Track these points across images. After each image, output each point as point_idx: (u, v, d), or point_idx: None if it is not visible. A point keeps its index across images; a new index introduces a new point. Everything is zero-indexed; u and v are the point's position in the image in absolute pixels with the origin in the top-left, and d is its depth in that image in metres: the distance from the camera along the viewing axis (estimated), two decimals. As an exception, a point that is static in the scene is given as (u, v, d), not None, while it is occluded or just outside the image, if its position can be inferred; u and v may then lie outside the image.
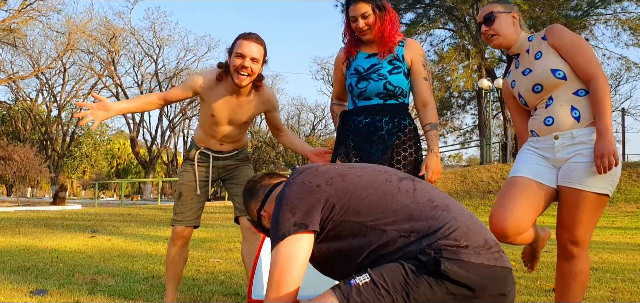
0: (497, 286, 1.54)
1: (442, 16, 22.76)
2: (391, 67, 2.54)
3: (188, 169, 2.96)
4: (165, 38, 37.92)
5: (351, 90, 2.59)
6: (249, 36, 2.67)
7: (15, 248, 5.59)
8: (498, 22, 2.39)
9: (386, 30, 2.52)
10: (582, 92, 2.22)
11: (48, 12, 28.14)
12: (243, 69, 2.63)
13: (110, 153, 51.89)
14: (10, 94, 37.11)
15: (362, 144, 2.55)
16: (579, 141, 2.18)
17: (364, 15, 2.50)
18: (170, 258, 2.94)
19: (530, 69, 2.32)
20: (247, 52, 2.63)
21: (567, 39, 2.24)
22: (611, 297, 3.34)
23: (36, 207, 17.94)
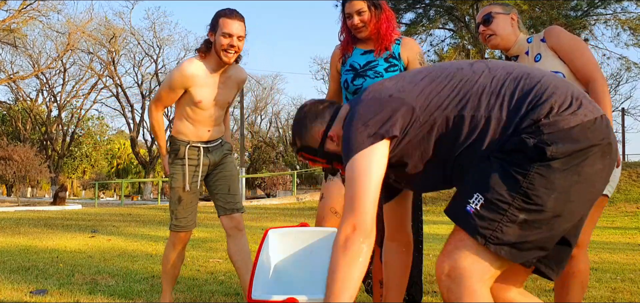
0: (601, 137, 1.47)
1: (442, 16, 22.75)
2: (387, 65, 2.54)
3: (178, 170, 2.87)
4: (165, 38, 37.98)
5: (346, 87, 2.59)
6: (232, 14, 2.72)
7: (15, 248, 5.59)
8: (496, 22, 2.41)
9: (382, 27, 2.52)
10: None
11: (48, 12, 28.15)
12: (231, 48, 2.70)
13: (110, 153, 51.87)
14: (10, 94, 37.13)
15: None
16: None
17: (359, 12, 2.49)
18: (171, 262, 2.91)
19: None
20: (234, 31, 2.69)
21: (565, 41, 2.26)
22: (611, 297, 3.34)
23: (36, 207, 17.94)
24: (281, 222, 10.28)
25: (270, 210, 15.07)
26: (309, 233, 2.61)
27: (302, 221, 2.73)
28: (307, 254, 2.60)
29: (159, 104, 2.92)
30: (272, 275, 2.56)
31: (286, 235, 2.62)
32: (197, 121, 2.86)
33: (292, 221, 10.55)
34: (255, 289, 2.34)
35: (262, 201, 19.03)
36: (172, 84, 2.80)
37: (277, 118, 43.07)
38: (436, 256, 5.39)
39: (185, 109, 2.85)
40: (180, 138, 2.88)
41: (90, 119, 42.79)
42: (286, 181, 31.26)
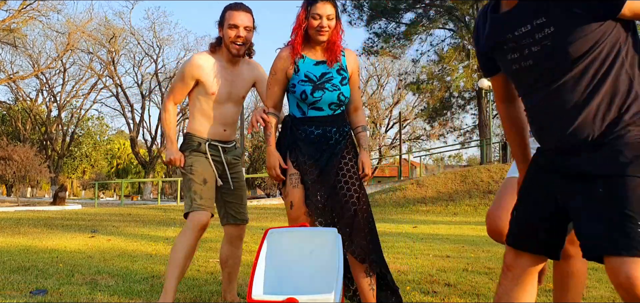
0: None
1: (442, 16, 22.78)
2: (340, 77, 2.65)
3: (201, 159, 2.85)
4: (165, 38, 38.05)
5: (304, 98, 2.61)
6: (238, 6, 2.79)
7: (15, 248, 5.59)
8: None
9: (338, 38, 2.64)
10: None
11: (48, 12, 28.18)
12: (239, 38, 2.76)
13: (110, 153, 51.88)
14: (10, 94, 37.17)
15: (313, 153, 2.63)
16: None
17: (329, 17, 2.57)
18: (185, 251, 2.70)
19: None
20: (240, 22, 2.76)
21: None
22: (611, 297, 3.34)
23: (36, 207, 17.94)
24: (281, 222, 10.28)
25: (270, 210, 15.07)
26: (309, 233, 2.61)
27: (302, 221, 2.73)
28: (307, 254, 2.60)
29: (171, 98, 2.94)
30: (272, 275, 2.56)
31: (286, 235, 2.62)
32: (213, 117, 2.87)
33: (292, 221, 10.54)
34: (255, 289, 2.34)
35: (262, 201, 19.03)
36: (183, 74, 2.84)
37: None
38: (436, 256, 5.41)
39: (201, 105, 2.86)
40: (198, 135, 2.88)
41: (90, 119, 42.84)
42: (286, 181, 31.21)
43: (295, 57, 2.63)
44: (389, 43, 23.58)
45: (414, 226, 9.52)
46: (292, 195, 2.66)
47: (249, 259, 4.78)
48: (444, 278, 3.95)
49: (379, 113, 38.62)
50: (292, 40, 2.64)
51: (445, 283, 3.75)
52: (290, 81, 2.65)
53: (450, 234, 7.94)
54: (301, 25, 2.59)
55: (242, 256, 3.19)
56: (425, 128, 35.51)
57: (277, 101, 2.71)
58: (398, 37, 23.76)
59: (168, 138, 2.95)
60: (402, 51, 24.71)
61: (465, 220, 11.72)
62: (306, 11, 2.57)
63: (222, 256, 3.08)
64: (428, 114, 27.58)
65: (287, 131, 2.69)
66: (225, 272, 3.10)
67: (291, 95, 2.68)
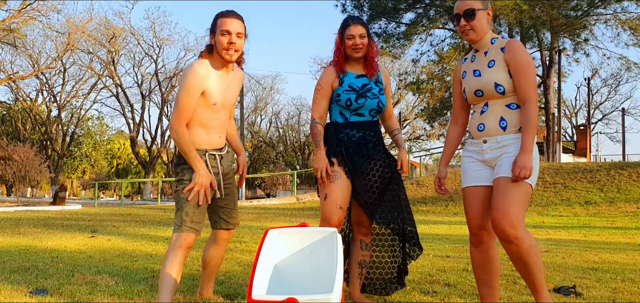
0: None
1: (442, 16, 22.75)
2: (378, 88, 3.05)
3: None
4: (165, 38, 37.93)
5: (349, 105, 2.99)
6: (229, 13, 2.78)
7: (15, 248, 5.59)
8: (477, 18, 2.59)
9: (374, 54, 3.04)
10: (513, 105, 2.54)
11: (48, 12, 28.19)
12: (231, 45, 2.74)
13: (110, 153, 51.88)
14: (10, 94, 37.18)
15: (352, 155, 3.00)
16: (503, 145, 2.54)
17: (361, 35, 2.97)
18: (178, 267, 2.70)
19: (481, 73, 2.60)
20: (232, 29, 2.74)
21: (519, 60, 2.51)
22: (611, 297, 3.34)
23: (36, 207, 17.94)
24: (281, 222, 10.28)
25: (270, 210, 15.07)
26: (309, 233, 2.61)
27: (302, 221, 2.73)
28: (307, 254, 2.60)
29: (181, 117, 2.74)
30: (272, 275, 2.56)
31: (286, 235, 2.62)
32: (210, 127, 2.83)
33: (292, 221, 10.55)
34: (255, 289, 2.34)
35: (262, 201, 19.03)
36: (189, 88, 2.70)
37: (277, 118, 43.08)
38: (436, 256, 5.40)
39: (199, 115, 2.78)
40: (196, 148, 2.81)
41: (90, 119, 42.84)
42: (286, 181, 31.27)
43: (339, 73, 3.01)
44: (389, 43, 23.56)
45: (414, 226, 9.51)
46: (329, 188, 2.95)
47: (249, 259, 4.78)
48: (444, 278, 3.95)
49: (379, 113, 38.56)
50: (335, 60, 3.04)
51: (445, 283, 3.75)
52: (334, 92, 3.03)
53: (450, 234, 7.94)
54: (339, 48, 3.01)
55: (242, 256, 3.20)
56: (425, 128, 35.54)
57: (323, 112, 3.06)
58: (398, 37, 23.75)
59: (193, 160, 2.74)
60: (402, 51, 24.69)
61: (465, 220, 11.71)
62: (341, 35, 3.00)
63: (206, 258, 3.12)
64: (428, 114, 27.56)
65: (331, 135, 3.04)
66: (207, 271, 3.17)
67: (335, 104, 3.06)
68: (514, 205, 2.40)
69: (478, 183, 2.63)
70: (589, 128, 30.51)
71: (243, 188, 23.59)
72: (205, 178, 2.76)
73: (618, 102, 47.38)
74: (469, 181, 2.66)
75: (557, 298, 3.31)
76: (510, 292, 3.46)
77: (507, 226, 2.39)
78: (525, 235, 2.41)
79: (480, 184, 2.62)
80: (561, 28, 19.95)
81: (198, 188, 2.73)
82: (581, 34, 21.68)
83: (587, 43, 22.44)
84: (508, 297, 3.31)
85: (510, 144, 2.51)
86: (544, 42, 22.37)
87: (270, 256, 2.57)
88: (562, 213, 12.43)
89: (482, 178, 2.62)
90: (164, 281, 2.69)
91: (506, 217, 2.39)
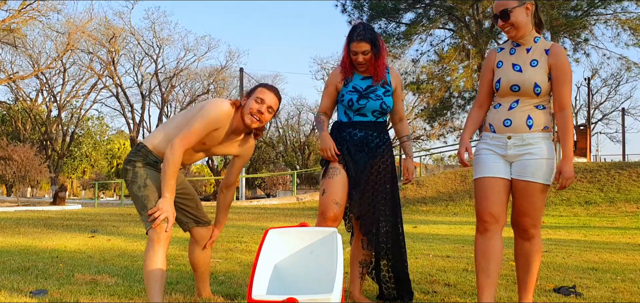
0: None
1: (442, 16, 22.76)
2: (384, 90, 3.06)
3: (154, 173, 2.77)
4: (165, 38, 37.87)
5: (351, 105, 3.02)
6: (271, 88, 2.88)
7: (15, 248, 5.59)
8: (514, 16, 2.61)
9: (380, 66, 3.02)
10: (541, 106, 2.64)
11: (48, 12, 28.17)
12: (259, 113, 2.79)
13: (110, 153, 51.88)
14: (10, 94, 37.16)
15: (355, 153, 3.03)
16: (528, 143, 2.61)
17: (364, 52, 2.96)
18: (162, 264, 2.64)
19: (521, 69, 2.62)
20: (267, 99, 2.82)
21: (563, 67, 2.60)
22: (611, 297, 3.34)
23: (36, 207, 17.94)
24: (281, 222, 10.28)
25: (270, 210, 15.07)
26: (309, 233, 2.61)
27: (302, 221, 2.74)
28: (307, 254, 2.61)
29: (186, 142, 2.70)
30: (272, 275, 2.56)
31: (286, 235, 2.62)
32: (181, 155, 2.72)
33: (292, 221, 10.55)
34: (255, 289, 2.34)
35: (262, 201, 19.03)
36: (209, 120, 2.71)
37: (277, 118, 43.07)
38: (436, 256, 5.40)
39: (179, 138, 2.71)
40: (156, 154, 2.81)
41: (90, 119, 42.83)
42: (286, 181, 31.27)
43: (346, 76, 3.06)
44: (389, 43, 23.54)
45: (414, 226, 9.51)
46: (327, 183, 2.99)
47: (249, 259, 4.78)
48: (444, 278, 3.95)
49: (379, 113, 38.57)
50: (342, 65, 3.07)
51: (445, 283, 3.75)
52: (339, 93, 3.08)
53: (450, 234, 7.94)
54: (345, 58, 3.04)
55: (242, 256, 3.21)
56: (425, 128, 35.50)
57: (327, 109, 3.15)
58: (398, 37, 23.73)
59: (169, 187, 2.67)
60: (402, 51, 24.66)
61: (465, 220, 11.72)
62: (347, 47, 3.01)
63: (192, 261, 3.13)
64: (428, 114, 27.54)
65: (334, 133, 3.09)
66: (198, 274, 3.18)
67: (340, 104, 3.11)
68: (537, 207, 2.62)
69: (496, 175, 2.66)
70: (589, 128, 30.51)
71: (243, 188, 23.59)
72: (171, 208, 2.67)
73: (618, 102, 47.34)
74: (486, 171, 2.69)
75: (557, 298, 3.31)
76: (510, 292, 3.46)
77: (530, 225, 2.64)
78: (539, 235, 2.67)
79: (498, 176, 2.66)
80: (561, 28, 19.94)
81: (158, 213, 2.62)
82: (581, 34, 21.66)
83: (587, 43, 22.44)
84: (508, 297, 3.31)
85: (535, 143, 2.61)
86: (544, 42, 22.33)
87: (270, 256, 2.57)
88: (562, 213, 12.43)
89: (500, 171, 2.67)
90: (150, 280, 2.63)
91: (529, 216, 2.63)
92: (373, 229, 3.02)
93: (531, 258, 2.67)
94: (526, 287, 2.71)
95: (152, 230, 2.65)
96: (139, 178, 2.75)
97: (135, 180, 2.75)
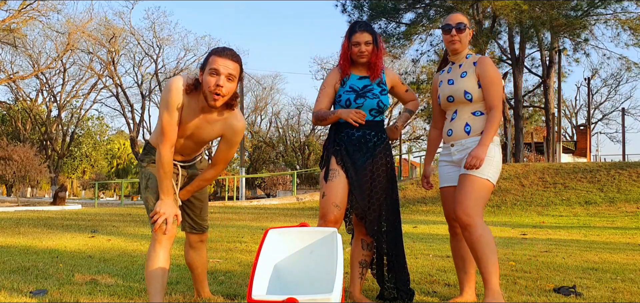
0: None
1: (442, 16, 22.74)
2: (380, 89, 3.11)
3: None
4: (165, 38, 37.87)
5: (348, 104, 3.06)
6: (223, 52, 2.50)
7: (15, 248, 5.59)
8: (465, 34, 2.98)
9: (378, 59, 3.09)
10: (477, 113, 2.93)
11: (48, 12, 28.19)
12: (218, 88, 2.46)
13: (110, 153, 51.88)
14: (10, 94, 37.17)
15: (353, 152, 3.04)
16: (467, 147, 2.92)
17: (367, 42, 3.03)
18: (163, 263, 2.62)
19: (454, 81, 2.98)
20: (221, 68, 2.46)
21: (488, 73, 2.90)
22: (611, 297, 3.34)
23: (36, 207, 17.94)
24: (281, 222, 10.28)
25: (270, 210, 15.07)
26: (309, 233, 2.61)
27: (302, 221, 2.73)
28: (307, 254, 2.60)
29: (164, 138, 2.56)
30: (272, 275, 2.56)
31: (286, 235, 2.62)
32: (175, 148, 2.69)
33: (292, 221, 10.55)
34: (255, 289, 2.34)
35: (262, 201, 19.03)
36: (168, 103, 2.53)
37: (277, 118, 43.07)
38: (436, 256, 5.40)
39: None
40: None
41: (90, 119, 42.83)
42: (286, 181, 31.26)
43: (343, 77, 3.10)
44: (389, 43, 23.55)
45: (414, 226, 9.52)
46: (328, 186, 3.00)
47: (249, 259, 4.78)
48: (444, 278, 3.95)
49: (379, 113, 38.56)
50: (340, 63, 3.12)
51: (445, 283, 3.75)
52: (337, 93, 3.11)
53: (450, 234, 7.93)
54: (346, 52, 3.08)
55: (242, 256, 3.21)
56: (425, 128, 35.50)
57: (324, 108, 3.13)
58: (398, 37, 23.74)
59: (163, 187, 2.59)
60: (402, 51, 24.68)
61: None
62: (348, 40, 3.06)
63: (188, 261, 3.11)
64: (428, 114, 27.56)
65: (332, 133, 3.11)
66: (194, 274, 3.16)
67: (337, 105, 3.12)
68: (469, 197, 2.78)
69: (450, 184, 3.04)
70: (589, 128, 30.52)
71: (243, 188, 23.59)
72: (169, 208, 2.59)
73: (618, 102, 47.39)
74: (443, 182, 3.09)
75: (557, 298, 3.31)
76: (510, 292, 3.46)
77: (461, 214, 2.78)
78: (480, 225, 2.76)
79: (451, 185, 3.03)
80: (561, 28, 19.94)
81: (157, 217, 2.57)
82: (581, 34, 21.66)
83: (587, 43, 22.44)
84: (508, 297, 3.31)
85: (473, 146, 2.88)
86: (544, 42, 22.37)
87: (270, 256, 2.57)
88: (562, 213, 12.43)
89: (453, 180, 3.02)
90: (152, 280, 2.59)
91: (460, 205, 2.79)
92: (375, 227, 3.05)
93: (475, 247, 2.75)
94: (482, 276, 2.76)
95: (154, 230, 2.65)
96: (143, 178, 2.75)
97: (141, 180, 2.76)
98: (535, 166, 17.39)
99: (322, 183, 3.04)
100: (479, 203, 2.78)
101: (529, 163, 19.12)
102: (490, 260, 2.73)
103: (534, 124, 32.75)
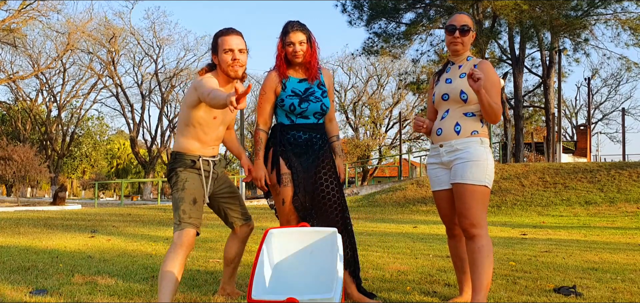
0: None
1: (442, 16, 22.75)
2: (321, 91, 3.11)
3: (195, 177, 2.85)
4: (165, 38, 37.89)
5: (293, 110, 3.04)
6: (229, 31, 2.85)
7: (15, 248, 5.59)
8: (468, 37, 2.97)
9: (314, 58, 3.07)
10: (470, 114, 2.89)
11: (48, 12, 28.17)
12: (235, 61, 2.81)
13: (110, 153, 51.87)
14: (10, 94, 37.16)
15: (300, 155, 3.07)
16: (456, 149, 2.86)
17: (301, 42, 3.01)
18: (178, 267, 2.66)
19: (452, 81, 2.96)
20: (234, 45, 2.81)
21: (489, 77, 2.86)
22: (611, 297, 3.34)
23: (36, 207, 17.94)
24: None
25: (270, 210, 15.07)
26: (309, 233, 2.61)
27: (302, 221, 2.73)
28: (307, 254, 2.61)
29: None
30: (272, 275, 2.56)
31: (286, 235, 2.62)
32: (205, 141, 2.88)
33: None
34: (255, 289, 2.34)
35: (262, 201, 19.02)
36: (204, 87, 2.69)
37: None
38: (436, 256, 5.40)
39: (195, 129, 2.84)
40: (189, 154, 2.86)
41: (90, 119, 42.82)
42: (286, 181, 31.20)
43: (282, 79, 3.06)
44: (389, 43, 23.56)
45: (414, 226, 9.52)
46: (285, 192, 3.00)
47: (249, 259, 4.78)
48: (444, 278, 3.95)
49: (379, 113, 38.59)
50: (277, 65, 3.08)
51: (445, 283, 3.75)
52: (278, 97, 3.07)
53: (450, 234, 7.93)
54: (281, 53, 3.05)
55: (242, 256, 3.23)
56: (425, 128, 35.42)
57: (268, 117, 3.11)
58: (398, 37, 23.74)
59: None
60: (402, 50, 24.69)
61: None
62: (282, 41, 3.04)
63: (229, 255, 3.16)
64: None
65: (277, 137, 3.09)
66: (230, 268, 3.21)
67: (280, 108, 3.09)
68: (472, 208, 2.77)
69: (442, 187, 2.99)
70: (589, 128, 30.51)
71: (243, 188, 23.59)
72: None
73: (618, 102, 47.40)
74: (434, 186, 3.03)
75: (557, 298, 3.31)
76: (510, 292, 3.46)
77: (468, 226, 2.79)
78: (484, 236, 2.78)
79: (444, 188, 2.98)
80: (561, 28, 19.95)
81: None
82: (581, 34, 21.67)
83: (587, 43, 22.46)
84: (508, 297, 3.31)
85: (463, 148, 2.84)
86: (544, 42, 22.37)
87: (270, 256, 2.57)
88: (562, 213, 12.43)
89: (444, 182, 2.97)
90: (164, 280, 2.63)
91: (466, 218, 2.79)
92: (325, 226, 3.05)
93: (474, 256, 2.77)
94: (474, 285, 2.76)
95: (178, 232, 2.71)
96: (179, 181, 2.85)
97: (176, 184, 2.85)
98: (536, 166, 17.38)
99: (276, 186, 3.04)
100: (483, 212, 2.80)
101: (529, 163, 19.11)
102: (485, 272, 2.74)
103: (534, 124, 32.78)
